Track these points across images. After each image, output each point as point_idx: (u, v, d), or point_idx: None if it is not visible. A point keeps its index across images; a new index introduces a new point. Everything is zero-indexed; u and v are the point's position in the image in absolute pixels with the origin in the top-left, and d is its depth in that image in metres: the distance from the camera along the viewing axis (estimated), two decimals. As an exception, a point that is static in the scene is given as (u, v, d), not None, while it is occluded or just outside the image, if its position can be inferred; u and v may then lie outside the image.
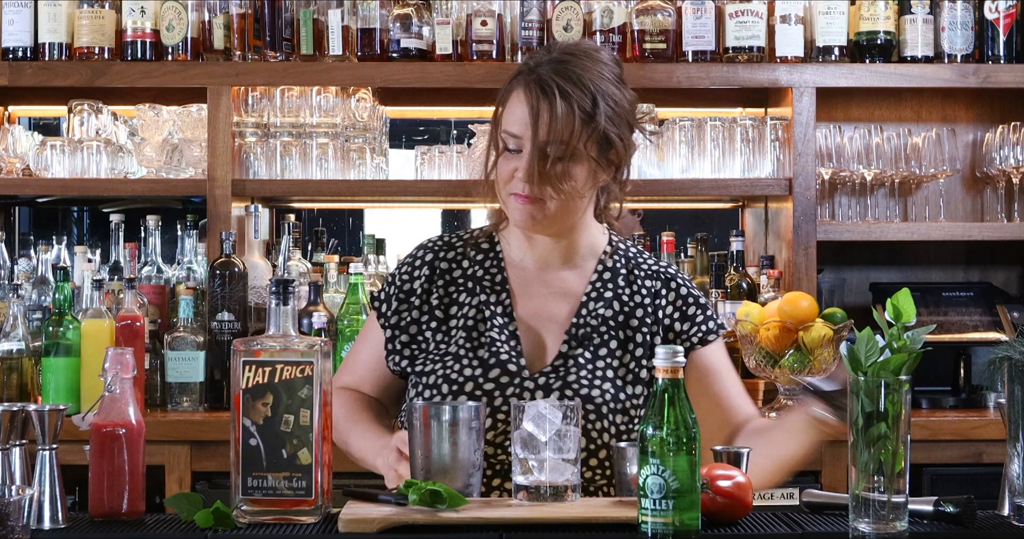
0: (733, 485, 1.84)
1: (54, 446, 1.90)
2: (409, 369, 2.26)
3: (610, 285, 2.27)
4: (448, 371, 2.19)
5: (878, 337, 1.78)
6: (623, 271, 2.29)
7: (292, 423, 1.85)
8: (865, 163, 3.69)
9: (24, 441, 1.90)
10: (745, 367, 3.34)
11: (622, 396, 2.19)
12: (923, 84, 3.63)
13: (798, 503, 2.02)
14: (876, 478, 1.74)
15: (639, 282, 2.28)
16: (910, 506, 1.79)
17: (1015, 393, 1.86)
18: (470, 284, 2.28)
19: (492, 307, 2.25)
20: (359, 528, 1.80)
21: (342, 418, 2.21)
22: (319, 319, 3.40)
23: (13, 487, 1.75)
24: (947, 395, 3.53)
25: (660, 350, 1.72)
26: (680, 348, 1.73)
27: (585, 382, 2.17)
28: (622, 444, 1.97)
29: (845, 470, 3.05)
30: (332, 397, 1.94)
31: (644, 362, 2.23)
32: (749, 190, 3.61)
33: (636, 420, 2.20)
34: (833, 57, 3.61)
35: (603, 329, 2.23)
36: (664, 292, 2.28)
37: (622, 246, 2.33)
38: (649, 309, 2.26)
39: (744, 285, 3.57)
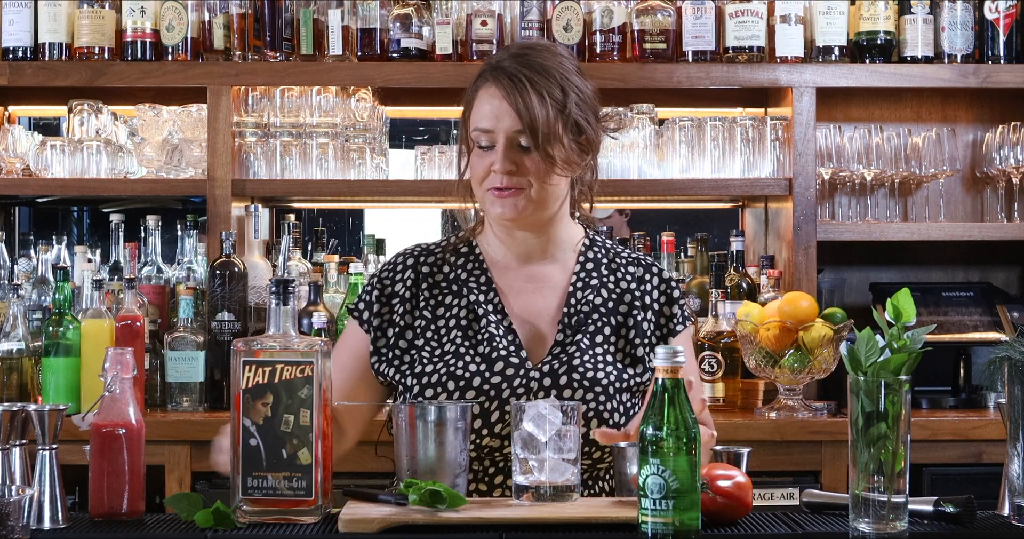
0: (733, 485, 1.84)
1: (54, 446, 1.90)
2: (397, 376, 2.26)
3: (594, 274, 2.32)
4: (452, 368, 2.20)
5: (878, 337, 1.78)
6: (604, 261, 2.35)
7: (292, 423, 1.85)
8: (865, 163, 3.68)
9: (24, 441, 1.90)
10: (745, 367, 3.34)
11: (625, 376, 2.24)
12: (923, 84, 3.62)
13: (798, 503, 2.02)
14: (876, 478, 1.74)
15: (622, 269, 2.34)
16: (910, 506, 1.79)
17: (1015, 393, 1.86)
18: (455, 287, 2.30)
19: (484, 306, 2.27)
20: (359, 528, 1.80)
21: None
22: (319, 319, 3.40)
23: (13, 487, 1.75)
24: (947, 395, 3.53)
25: (660, 350, 1.72)
26: (680, 348, 1.73)
27: (589, 366, 2.21)
28: (622, 444, 1.97)
29: (845, 470, 3.06)
30: None
31: (637, 341, 2.28)
32: (749, 190, 3.61)
33: (637, 398, 2.26)
34: (833, 57, 3.61)
35: (596, 316, 2.28)
36: (647, 277, 2.35)
37: (599, 238, 2.40)
38: (636, 292, 2.32)
39: (744, 285, 3.57)
